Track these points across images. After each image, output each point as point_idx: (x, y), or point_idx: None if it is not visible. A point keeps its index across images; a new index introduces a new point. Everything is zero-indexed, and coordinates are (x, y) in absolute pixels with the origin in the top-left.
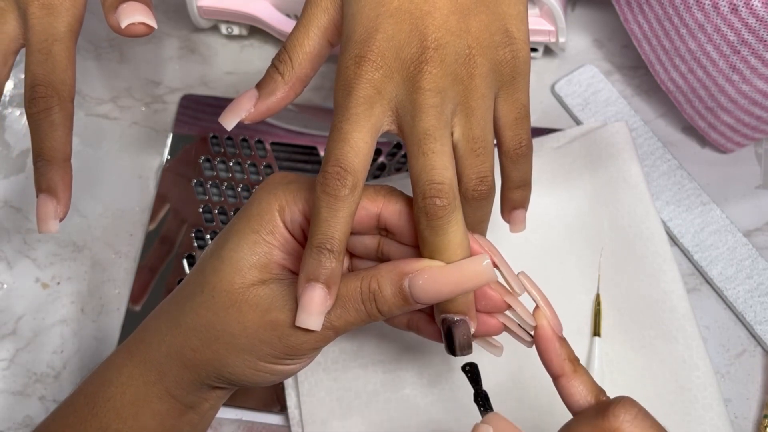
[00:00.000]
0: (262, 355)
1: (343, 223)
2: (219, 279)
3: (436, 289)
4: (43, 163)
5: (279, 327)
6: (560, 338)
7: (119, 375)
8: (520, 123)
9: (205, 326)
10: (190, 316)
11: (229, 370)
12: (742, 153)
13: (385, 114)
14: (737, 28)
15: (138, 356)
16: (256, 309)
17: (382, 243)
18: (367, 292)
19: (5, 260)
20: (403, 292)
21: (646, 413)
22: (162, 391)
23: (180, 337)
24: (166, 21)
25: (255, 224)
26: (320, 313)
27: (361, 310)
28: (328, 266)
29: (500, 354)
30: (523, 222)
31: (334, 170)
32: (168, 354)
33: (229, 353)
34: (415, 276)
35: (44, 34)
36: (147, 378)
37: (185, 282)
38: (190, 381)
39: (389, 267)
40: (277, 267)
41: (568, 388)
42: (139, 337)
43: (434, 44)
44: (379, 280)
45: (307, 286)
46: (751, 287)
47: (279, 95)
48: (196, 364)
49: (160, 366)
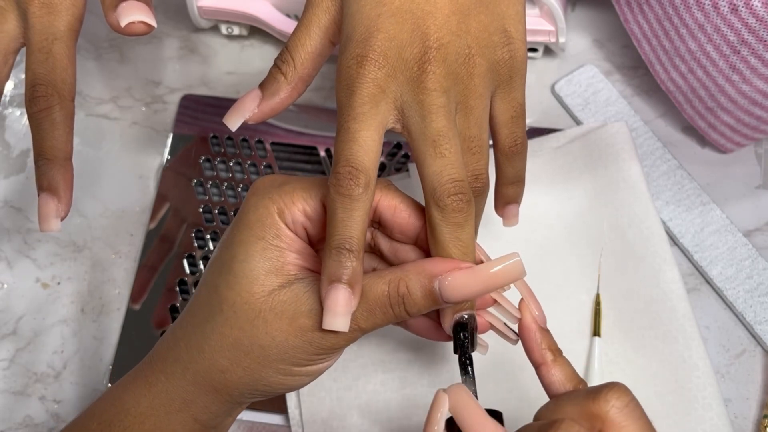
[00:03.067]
0: (295, 361)
1: (360, 222)
2: (237, 293)
3: (468, 289)
4: (44, 162)
5: (307, 332)
6: (541, 329)
7: (137, 405)
8: (516, 121)
9: (232, 344)
10: (213, 338)
11: (263, 383)
12: (742, 153)
13: (390, 112)
14: (737, 28)
15: (158, 387)
16: (282, 317)
17: (374, 236)
18: (396, 296)
19: (5, 260)
20: (434, 294)
21: (637, 404)
22: (187, 418)
23: (206, 362)
24: (166, 21)
25: (258, 231)
26: (346, 314)
27: (389, 313)
28: (349, 266)
29: (485, 352)
30: (516, 216)
31: (345, 170)
32: (194, 382)
33: (262, 366)
34: (444, 277)
35: (44, 34)
36: (169, 408)
37: (196, 305)
38: (220, 404)
39: (417, 269)
40: (293, 268)
41: (548, 377)
42: (158, 368)
43: (436, 44)
44: (408, 284)
45: (331, 288)
46: (751, 287)
47: (282, 95)
48: (227, 385)
49: (186, 395)
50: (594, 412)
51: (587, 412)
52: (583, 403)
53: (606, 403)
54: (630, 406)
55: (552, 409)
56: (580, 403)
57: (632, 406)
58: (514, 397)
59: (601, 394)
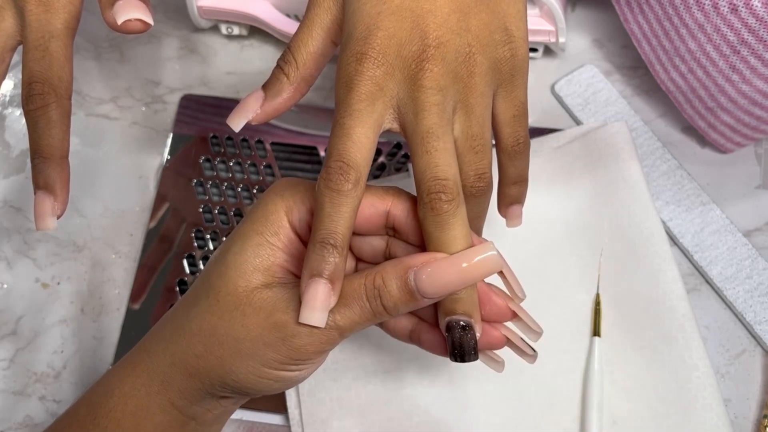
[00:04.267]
0: (266, 361)
1: (347, 218)
2: (224, 283)
3: (442, 281)
4: (41, 160)
5: (282, 328)
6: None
7: (121, 385)
8: (519, 120)
9: (210, 331)
10: (195, 321)
11: (233, 378)
12: (742, 153)
13: (387, 111)
14: (737, 28)
15: (141, 366)
16: (260, 312)
17: (390, 244)
18: (372, 288)
19: (5, 260)
20: (409, 286)
21: None
22: (165, 401)
23: (184, 343)
24: (166, 21)
25: (259, 226)
26: (324, 309)
27: (366, 308)
28: (331, 261)
29: (502, 370)
30: (519, 217)
31: (336, 165)
32: (172, 362)
33: (234, 359)
34: (419, 269)
35: (41, 31)
36: (150, 388)
37: (191, 288)
38: (194, 390)
39: (394, 262)
40: (280, 270)
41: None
42: (143, 347)
43: (435, 42)
44: (383, 276)
45: (311, 282)
46: (751, 287)
47: (285, 96)
48: (200, 371)
49: (164, 375)
50: None
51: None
52: None
53: None
54: None
55: None
56: None
57: None
58: (515, 397)
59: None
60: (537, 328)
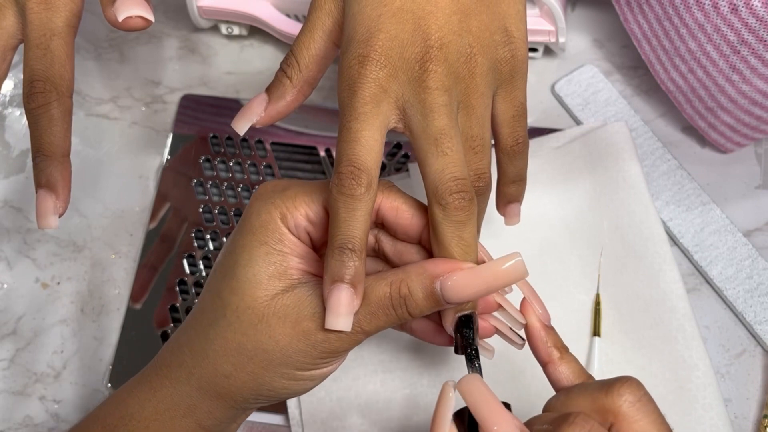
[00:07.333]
0: (299, 365)
1: (362, 222)
2: (240, 298)
3: (469, 290)
4: (42, 158)
5: (310, 335)
6: (546, 327)
7: (141, 410)
8: (518, 120)
9: (236, 349)
10: (218, 342)
11: (267, 388)
12: (742, 153)
13: (392, 112)
14: (737, 28)
15: (163, 392)
16: (285, 320)
17: (379, 239)
18: (398, 297)
19: (5, 260)
20: (435, 295)
21: (650, 399)
22: (192, 423)
23: (209, 368)
24: (166, 21)
25: (261, 236)
26: (349, 314)
27: (392, 315)
28: (351, 266)
29: (491, 357)
30: (517, 215)
31: (348, 170)
32: (199, 387)
33: (266, 370)
34: (446, 278)
35: (42, 30)
36: (174, 413)
37: (200, 310)
38: (225, 409)
39: (418, 270)
40: (296, 272)
41: (555, 374)
42: (162, 373)
43: (437, 43)
44: (409, 285)
45: (333, 288)
46: (751, 287)
47: (288, 98)
48: (231, 390)
49: (190, 400)
50: (607, 405)
51: (599, 405)
52: (595, 396)
53: (619, 397)
54: (643, 401)
55: (563, 401)
56: (592, 396)
57: (645, 400)
58: (515, 397)
59: (614, 388)
60: (521, 319)
